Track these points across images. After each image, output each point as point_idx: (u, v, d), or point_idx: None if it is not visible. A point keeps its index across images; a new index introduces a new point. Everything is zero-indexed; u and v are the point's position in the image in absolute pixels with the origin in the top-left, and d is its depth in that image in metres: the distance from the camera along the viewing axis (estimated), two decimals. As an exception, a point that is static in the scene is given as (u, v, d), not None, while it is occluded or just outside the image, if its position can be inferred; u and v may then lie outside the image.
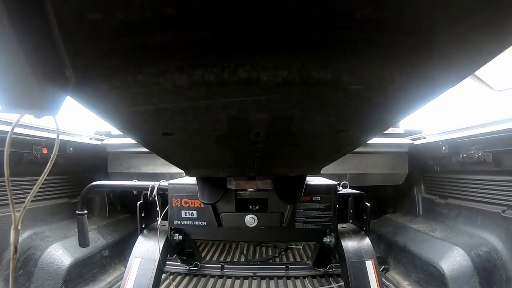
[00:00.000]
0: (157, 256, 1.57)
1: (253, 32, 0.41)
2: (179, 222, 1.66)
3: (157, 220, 1.68)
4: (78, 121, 2.79)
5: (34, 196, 1.85)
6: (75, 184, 2.43)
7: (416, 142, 2.61)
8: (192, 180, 1.57)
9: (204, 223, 1.63)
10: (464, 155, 2.08)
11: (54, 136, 2.30)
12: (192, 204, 1.63)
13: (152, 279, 1.50)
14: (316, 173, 1.36)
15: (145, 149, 2.45)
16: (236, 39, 0.43)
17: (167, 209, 1.68)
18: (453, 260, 1.84)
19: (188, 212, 1.64)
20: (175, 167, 1.47)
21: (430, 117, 2.80)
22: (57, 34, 0.38)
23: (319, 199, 1.57)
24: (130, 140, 2.71)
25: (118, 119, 0.67)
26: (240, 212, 1.56)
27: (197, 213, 1.63)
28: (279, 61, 0.45)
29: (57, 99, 0.47)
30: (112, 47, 0.44)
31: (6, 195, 1.94)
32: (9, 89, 0.44)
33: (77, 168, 2.48)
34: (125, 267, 1.61)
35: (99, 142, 2.78)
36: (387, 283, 2.14)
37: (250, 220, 1.53)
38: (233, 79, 0.46)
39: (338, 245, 1.58)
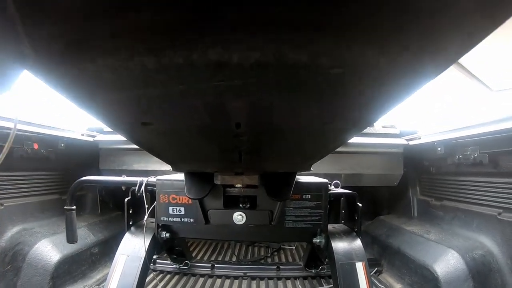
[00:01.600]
0: (142, 253, 1.53)
1: (223, 11, 0.38)
2: (167, 218, 1.62)
3: (146, 216, 1.64)
4: (71, 118, 2.75)
5: (25, 192, 1.83)
6: (66, 181, 2.40)
7: (411, 143, 2.57)
8: (180, 176, 1.53)
9: (192, 220, 1.59)
10: (460, 156, 2.05)
11: (45, 131, 2.28)
12: (180, 200, 1.60)
13: (137, 277, 1.47)
14: (306, 170, 1.33)
15: (137, 146, 2.42)
16: (205, 19, 0.40)
17: (155, 206, 1.64)
18: (447, 263, 1.81)
19: (176, 209, 1.60)
20: (168, 164, 1.48)
21: (426, 118, 2.77)
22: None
23: (310, 197, 1.54)
24: (122, 137, 2.68)
25: (95, 107, 0.65)
26: (228, 209, 1.53)
27: (184, 209, 1.59)
28: (251, 41, 0.42)
29: (9, 74, 0.44)
30: (77, 30, 0.40)
31: None
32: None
33: (69, 164, 2.45)
34: (113, 265, 1.57)
35: (91, 139, 2.75)
36: (380, 285, 2.11)
37: (238, 217, 1.50)
38: (203, 61, 0.44)
39: (328, 246, 1.54)
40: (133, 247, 1.59)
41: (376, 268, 2.33)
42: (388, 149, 2.57)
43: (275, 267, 2.33)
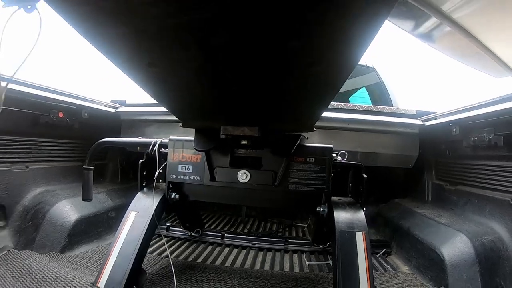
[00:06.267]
0: (151, 210, 1.61)
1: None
2: (176, 176, 1.70)
3: (156, 176, 1.73)
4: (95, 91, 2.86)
5: (49, 157, 1.94)
6: (88, 149, 2.52)
7: (427, 123, 2.52)
8: (191, 137, 1.60)
9: (199, 178, 1.66)
10: (475, 138, 1.99)
11: (71, 100, 2.38)
12: (189, 158, 1.68)
13: (144, 231, 1.54)
14: (309, 130, 1.37)
15: (157, 118, 2.52)
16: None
17: (165, 169, 1.73)
18: (455, 246, 1.78)
19: (185, 167, 1.68)
20: (185, 136, 1.66)
21: (443, 100, 2.71)
22: None
23: (314, 160, 1.56)
24: (143, 109, 2.79)
25: (107, 45, 0.72)
26: (234, 168, 1.59)
27: (192, 167, 1.67)
28: None
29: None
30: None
31: (21, 154, 2.06)
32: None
33: (91, 133, 2.51)
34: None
35: (113, 110, 2.86)
36: (387, 266, 2.11)
37: (243, 175, 1.56)
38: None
39: (331, 215, 1.56)
40: (143, 204, 1.67)
41: (384, 249, 2.34)
42: (403, 129, 2.54)
43: (284, 240, 2.38)
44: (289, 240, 2.38)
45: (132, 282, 1.45)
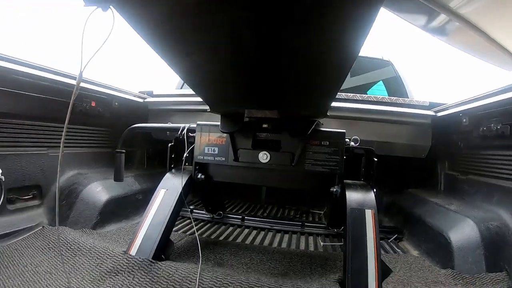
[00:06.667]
0: (179, 188, 1.77)
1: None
2: (202, 157, 1.87)
3: (185, 157, 1.91)
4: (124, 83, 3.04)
5: (81, 143, 2.13)
6: (118, 136, 2.68)
7: (439, 114, 2.59)
8: (217, 122, 1.77)
9: (223, 158, 1.82)
10: (484, 128, 2.07)
11: (103, 90, 2.55)
12: (214, 141, 1.85)
13: (172, 207, 1.72)
14: (324, 115, 1.52)
15: (182, 107, 2.69)
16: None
17: (192, 152, 1.90)
18: (461, 230, 1.86)
19: (211, 148, 1.85)
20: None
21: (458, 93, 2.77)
22: None
23: (328, 143, 1.70)
24: (169, 99, 2.97)
25: (156, 39, 0.92)
26: (255, 150, 1.75)
27: (218, 149, 1.84)
28: None
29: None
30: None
31: (57, 139, 2.24)
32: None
33: (121, 121, 2.67)
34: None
35: (141, 100, 3.04)
36: (397, 250, 2.21)
37: (263, 155, 1.72)
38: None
39: (343, 194, 1.69)
40: (172, 183, 1.84)
41: (396, 235, 2.43)
42: (415, 119, 2.63)
43: (300, 224, 2.52)
44: (306, 224, 2.52)
45: (160, 251, 1.61)
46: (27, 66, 1.96)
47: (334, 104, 2.18)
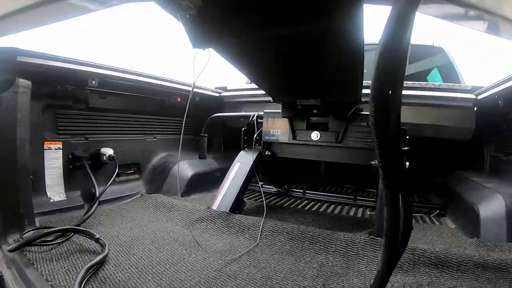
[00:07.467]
0: (251, 161, 2.29)
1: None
2: (268, 137, 2.37)
3: (254, 139, 2.41)
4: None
5: (170, 131, 2.76)
6: (199, 125, 2.98)
7: (479, 97, 2.64)
8: (279, 110, 2.26)
9: (285, 138, 2.31)
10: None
11: (187, 88, 3.09)
12: (278, 126, 2.34)
13: (245, 175, 2.25)
14: (359, 101, 1.99)
15: (250, 99, 3.23)
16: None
17: (261, 132, 2.40)
18: (489, 204, 2.00)
19: (275, 131, 2.35)
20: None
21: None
22: None
23: (366, 124, 2.08)
24: (241, 92, 3.51)
25: (235, 60, 1.47)
26: (309, 130, 2.21)
27: (280, 131, 2.32)
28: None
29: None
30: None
31: (151, 128, 2.89)
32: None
33: (201, 113, 3.07)
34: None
35: (217, 94, 3.59)
36: (436, 222, 2.43)
37: (314, 134, 2.18)
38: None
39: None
40: (245, 158, 2.37)
41: (438, 211, 2.64)
42: (458, 103, 2.72)
43: (353, 197, 2.93)
44: (358, 198, 2.92)
45: (235, 208, 2.14)
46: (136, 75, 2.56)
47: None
